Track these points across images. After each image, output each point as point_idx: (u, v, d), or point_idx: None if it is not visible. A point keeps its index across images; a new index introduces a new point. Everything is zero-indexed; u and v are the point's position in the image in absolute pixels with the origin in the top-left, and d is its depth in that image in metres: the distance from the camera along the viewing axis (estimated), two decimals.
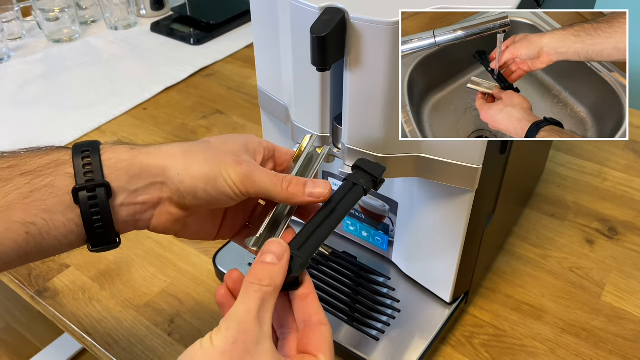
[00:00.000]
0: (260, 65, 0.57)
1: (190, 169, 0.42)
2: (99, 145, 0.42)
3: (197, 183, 0.41)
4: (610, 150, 0.89)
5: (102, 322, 0.64)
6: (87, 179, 0.39)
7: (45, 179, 0.39)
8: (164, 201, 0.42)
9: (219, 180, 0.42)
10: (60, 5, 1.17)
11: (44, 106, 1.00)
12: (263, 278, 0.38)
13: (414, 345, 0.58)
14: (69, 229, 0.40)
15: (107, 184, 0.40)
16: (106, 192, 0.40)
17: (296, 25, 0.46)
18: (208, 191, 0.42)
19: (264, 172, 0.43)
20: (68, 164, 0.40)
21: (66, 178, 0.40)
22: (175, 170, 0.42)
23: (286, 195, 0.43)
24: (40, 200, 0.39)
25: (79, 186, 0.39)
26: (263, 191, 0.43)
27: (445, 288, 0.60)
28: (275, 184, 0.43)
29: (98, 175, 0.40)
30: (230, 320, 0.36)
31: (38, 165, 0.40)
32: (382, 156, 0.48)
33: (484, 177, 0.49)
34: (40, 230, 0.39)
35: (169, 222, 0.44)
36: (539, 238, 0.74)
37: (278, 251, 0.39)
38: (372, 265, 0.65)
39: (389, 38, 0.42)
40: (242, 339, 0.35)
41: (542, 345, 0.61)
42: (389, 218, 0.61)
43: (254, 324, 0.36)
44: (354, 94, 0.46)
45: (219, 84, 1.06)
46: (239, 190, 0.42)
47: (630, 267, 0.70)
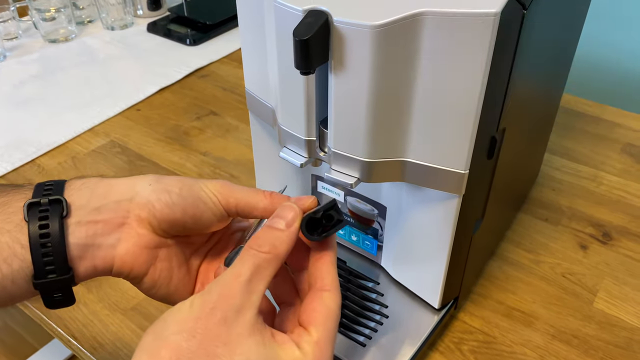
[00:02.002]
0: (247, 68, 0.56)
1: (164, 180, 0.40)
2: (64, 181, 0.39)
3: (171, 187, 0.39)
4: (607, 153, 0.88)
5: (89, 326, 0.63)
6: (44, 193, 0.36)
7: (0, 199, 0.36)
8: (132, 221, 0.38)
9: (195, 186, 0.40)
10: (57, 5, 1.17)
11: (38, 106, 1.00)
12: (263, 244, 0.35)
13: (401, 351, 0.57)
14: (12, 251, 0.35)
15: (63, 200, 0.36)
16: (62, 207, 0.36)
17: (280, 27, 0.45)
18: (183, 195, 0.39)
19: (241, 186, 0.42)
20: (29, 189, 0.37)
21: (23, 199, 0.36)
22: (146, 182, 0.39)
23: (269, 202, 0.41)
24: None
25: (32, 201, 0.35)
26: (244, 200, 0.41)
27: (433, 293, 0.59)
28: (256, 192, 0.41)
29: (57, 192, 0.36)
30: (216, 283, 0.33)
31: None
32: (368, 160, 0.48)
33: (471, 182, 0.48)
34: None
35: (138, 249, 0.38)
36: (532, 243, 0.73)
37: (289, 216, 0.36)
38: (361, 269, 0.65)
39: (373, 41, 0.41)
40: (222, 305, 0.32)
41: (532, 352, 0.60)
42: (378, 222, 0.61)
43: (239, 291, 0.33)
44: (339, 98, 0.45)
45: (213, 85, 1.06)
46: (217, 200, 0.40)
47: (623, 273, 0.69)
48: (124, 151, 0.90)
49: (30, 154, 0.88)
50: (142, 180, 0.39)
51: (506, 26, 0.40)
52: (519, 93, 0.50)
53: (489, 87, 0.42)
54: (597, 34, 1.13)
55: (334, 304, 0.36)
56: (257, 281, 0.34)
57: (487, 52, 0.40)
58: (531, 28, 0.45)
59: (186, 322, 0.32)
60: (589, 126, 0.94)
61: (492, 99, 0.44)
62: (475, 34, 0.40)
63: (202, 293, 0.33)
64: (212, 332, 0.32)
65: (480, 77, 0.41)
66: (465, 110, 0.43)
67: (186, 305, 0.33)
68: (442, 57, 0.41)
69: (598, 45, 1.15)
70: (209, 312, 0.32)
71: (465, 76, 0.42)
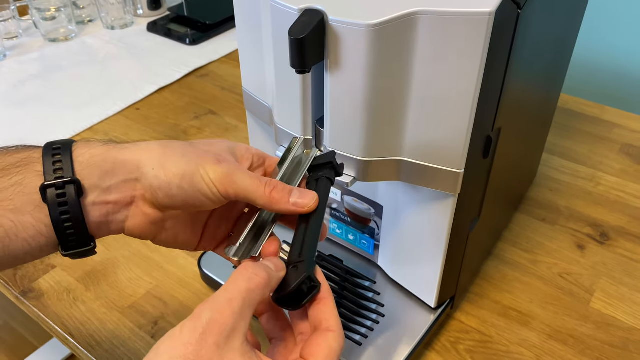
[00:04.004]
0: (244, 67, 0.56)
1: (166, 164, 0.39)
2: (71, 143, 0.40)
3: (171, 178, 0.39)
4: (605, 154, 0.88)
5: (86, 324, 0.63)
6: (57, 176, 0.37)
7: (13, 178, 0.37)
8: (138, 200, 0.40)
9: (196, 176, 0.39)
10: (57, 4, 1.17)
11: (38, 106, 1.00)
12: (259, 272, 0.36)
13: (398, 350, 0.57)
14: (37, 230, 0.37)
15: (77, 181, 0.38)
16: (76, 189, 0.37)
17: (276, 26, 0.46)
18: (183, 188, 0.39)
19: (245, 173, 0.40)
20: (38, 162, 0.38)
21: (36, 176, 0.38)
22: (150, 165, 0.39)
23: (268, 200, 0.40)
24: (7, 200, 0.37)
25: (47, 183, 0.37)
26: (243, 193, 0.40)
27: (430, 293, 0.59)
28: (258, 186, 0.40)
29: (68, 172, 0.38)
30: (206, 307, 0.33)
31: (7, 163, 0.38)
32: (364, 159, 0.48)
33: (467, 181, 0.48)
34: (7, 231, 0.36)
35: (145, 224, 0.41)
36: (529, 243, 0.73)
37: (277, 262, 0.38)
38: (358, 268, 0.65)
39: (368, 40, 0.41)
40: (213, 330, 0.32)
41: (528, 351, 0.60)
42: (375, 221, 0.61)
43: (230, 316, 0.33)
44: (335, 97, 0.46)
45: (212, 85, 1.06)
46: (217, 190, 0.39)
47: (620, 273, 0.69)
48: None
49: None
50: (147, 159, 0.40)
51: (501, 26, 0.40)
52: (514, 92, 0.50)
53: (484, 86, 0.42)
54: (596, 35, 1.13)
55: (337, 345, 0.37)
56: (247, 308, 0.34)
57: (481, 52, 0.40)
58: (526, 28, 0.45)
59: (176, 348, 0.32)
60: (588, 127, 0.94)
61: (487, 98, 0.45)
62: (469, 34, 0.40)
63: (191, 318, 0.33)
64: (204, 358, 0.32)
65: (475, 77, 0.42)
66: (460, 109, 0.43)
67: (176, 332, 0.33)
68: (437, 56, 0.42)
69: (597, 46, 1.15)
70: (199, 338, 0.32)
71: (460, 75, 0.42)
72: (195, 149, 0.41)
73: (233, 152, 0.44)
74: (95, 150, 0.39)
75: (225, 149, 0.43)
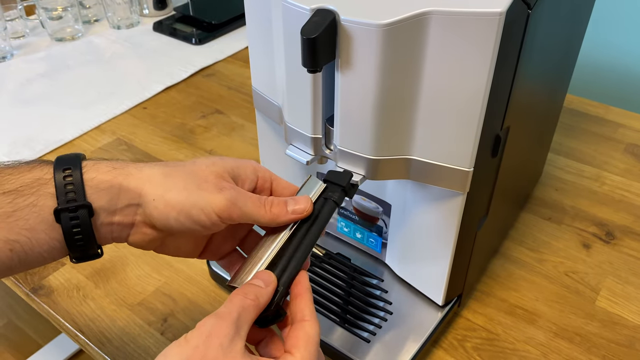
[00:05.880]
0: (254, 66, 0.57)
1: (166, 195, 0.42)
2: (81, 162, 0.42)
3: (169, 212, 0.41)
4: (610, 153, 0.89)
5: (96, 321, 0.64)
6: (69, 199, 0.40)
7: (28, 199, 0.40)
8: (138, 223, 0.43)
9: (194, 210, 0.41)
10: (64, 4, 1.18)
11: (45, 104, 1.01)
12: (249, 292, 0.39)
13: (405, 347, 0.58)
14: (52, 246, 0.41)
15: (89, 205, 0.40)
16: (88, 212, 0.40)
17: (288, 26, 0.46)
18: (180, 220, 0.42)
19: (247, 197, 0.43)
20: (50, 184, 0.41)
21: (49, 198, 0.40)
22: (151, 196, 0.42)
23: (270, 217, 0.44)
24: (23, 219, 0.39)
25: (60, 207, 0.40)
26: (247, 216, 0.43)
27: (437, 291, 0.60)
28: (259, 207, 0.43)
29: (80, 196, 0.40)
30: (208, 318, 0.37)
31: (20, 183, 0.40)
32: (374, 158, 0.48)
33: (475, 180, 0.49)
34: (24, 247, 0.39)
35: (145, 242, 0.44)
36: (535, 241, 0.74)
37: (266, 278, 0.41)
38: (365, 267, 0.65)
39: (380, 40, 0.42)
40: (216, 333, 0.36)
41: (535, 349, 0.61)
42: (383, 220, 0.61)
43: (230, 324, 0.37)
44: (346, 96, 0.46)
45: (219, 84, 1.07)
46: (219, 218, 0.42)
47: (626, 272, 0.70)
48: (130, 149, 0.90)
49: (38, 151, 0.89)
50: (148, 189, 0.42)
51: (511, 26, 0.41)
52: (523, 92, 0.51)
53: (493, 85, 0.43)
54: (601, 35, 1.14)
55: (313, 331, 0.40)
56: (243, 320, 0.38)
57: (492, 51, 0.41)
58: (536, 28, 0.46)
59: (185, 351, 0.35)
60: (593, 126, 0.94)
61: (497, 98, 0.45)
62: (480, 33, 0.40)
63: (195, 328, 0.37)
64: (210, 356, 0.35)
65: (485, 76, 0.42)
66: (470, 108, 0.44)
67: (182, 340, 0.36)
68: (447, 56, 0.42)
69: (602, 46, 1.15)
70: (205, 340, 0.36)
71: (471, 75, 0.42)
72: (196, 179, 0.43)
73: (237, 172, 0.45)
74: (103, 176, 0.42)
75: (229, 169, 0.45)
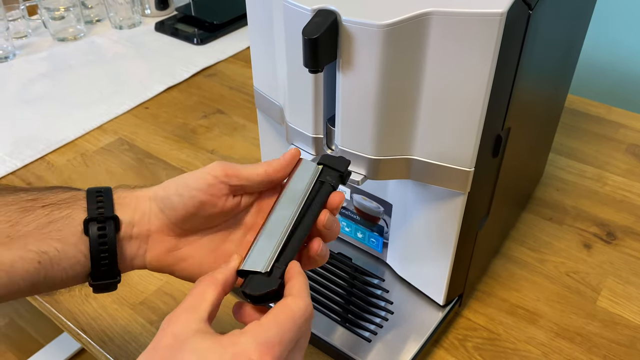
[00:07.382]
0: (256, 66, 0.57)
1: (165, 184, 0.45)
2: (111, 189, 0.45)
3: (168, 191, 0.44)
4: (612, 154, 0.89)
5: (98, 320, 0.64)
6: (99, 211, 0.42)
7: (64, 210, 0.42)
8: (152, 232, 0.44)
9: (190, 178, 0.43)
10: (66, 4, 1.18)
11: (47, 104, 1.01)
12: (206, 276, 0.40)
13: (406, 347, 0.58)
14: (76, 260, 0.42)
15: (116, 217, 0.43)
16: (115, 224, 0.42)
17: (289, 26, 0.46)
18: (179, 192, 0.43)
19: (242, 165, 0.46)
20: (83, 199, 0.43)
21: (82, 211, 0.43)
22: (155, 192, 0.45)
23: (264, 168, 0.45)
24: (56, 230, 0.41)
25: (90, 217, 0.42)
26: (241, 174, 0.44)
27: (438, 290, 0.60)
28: (251, 165, 0.45)
29: (109, 210, 0.43)
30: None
31: (59, 199, 0.43)
32: (375, 158, 0.49)
33: (476, 180, 0.49)
34: (52, 259, 0.41)
35: (163, 254, 0.45)
36: (536, 242, 0.74)
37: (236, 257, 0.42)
38: (366, 266, 0.65)
39: (381, 40, 0.42)
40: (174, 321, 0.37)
41: (536, 349, 0.61)
42: (384, 220, 0.61)
43: (183, 311, 0.37)
44: (347, 96, 0.46)
45: (220, 84, 1.07)
46: (214, 177, 0.43)
47: (627, 272, 0.70)
48: (132, 149, 0.90)
49: (40, 151, 0.89)
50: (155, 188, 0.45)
51: (512, 26, 0.41)
52: (524, 92, 0.51)
53: (494, 86, 0.43)
54: (603, 35, 1.14)
55: (297, 307, 0.37)
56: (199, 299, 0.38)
57: (493, 52, 0.41)
58: (537, 28, 0.46)
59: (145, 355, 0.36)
60: (594, 127, 0.94)
61: (498, 98, 0.45)
62: (481, 34, 0.40)
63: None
64: (164, 344, 0.36)
65: (486, 76, 0.42)
66: (471, 108, 0.44)
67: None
68: (448, 56, 0.42)
69: (604, 46, 1.15)
70: (161, 330, 0.37)
71: (471, 75, 0.42)
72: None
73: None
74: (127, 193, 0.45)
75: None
